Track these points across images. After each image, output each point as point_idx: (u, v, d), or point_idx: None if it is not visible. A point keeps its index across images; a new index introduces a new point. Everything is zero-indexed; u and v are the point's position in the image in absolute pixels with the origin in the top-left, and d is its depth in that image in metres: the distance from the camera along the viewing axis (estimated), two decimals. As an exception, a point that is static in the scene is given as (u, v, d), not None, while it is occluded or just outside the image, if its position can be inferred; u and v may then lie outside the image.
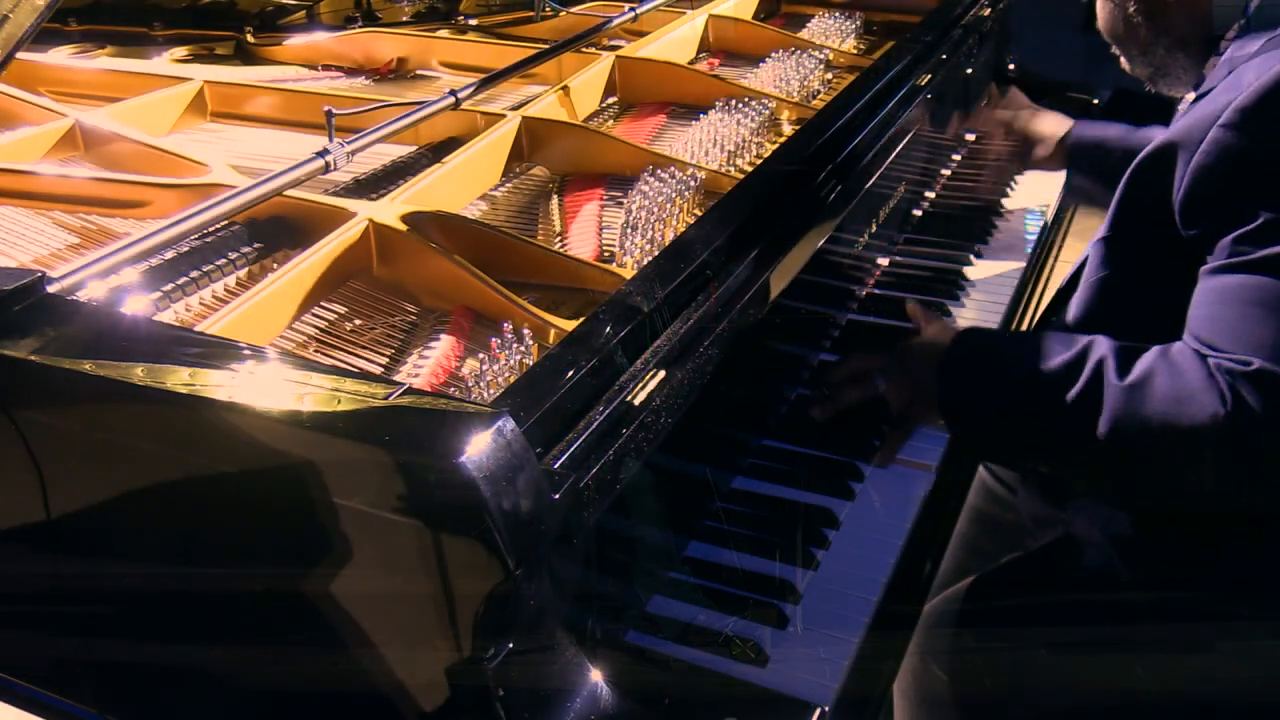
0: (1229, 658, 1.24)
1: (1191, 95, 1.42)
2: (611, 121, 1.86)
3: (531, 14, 2.27)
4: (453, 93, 1.56)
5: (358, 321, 1.25)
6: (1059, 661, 1.30)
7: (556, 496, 0.89)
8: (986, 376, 1.30)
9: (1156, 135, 1.85)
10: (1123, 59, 1.52)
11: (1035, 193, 2.18)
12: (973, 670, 1.35)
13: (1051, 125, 2.00)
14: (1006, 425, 1.28)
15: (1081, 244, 2.17)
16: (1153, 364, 1.18)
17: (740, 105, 1.75)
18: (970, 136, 2.33)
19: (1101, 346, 1.21)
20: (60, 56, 1.91)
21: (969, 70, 2.18)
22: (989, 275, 1.89)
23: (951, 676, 1.36)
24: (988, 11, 2.30)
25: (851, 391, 1.44)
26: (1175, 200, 1.26)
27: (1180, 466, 1.17)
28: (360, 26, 2.13)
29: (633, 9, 2.04)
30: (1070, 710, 1.29)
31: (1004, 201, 2.15)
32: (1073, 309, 1.43)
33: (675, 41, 2.06)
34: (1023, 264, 1.93)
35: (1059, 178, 2.17)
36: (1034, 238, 2.02)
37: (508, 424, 0.85)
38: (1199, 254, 1.24)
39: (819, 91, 1.99)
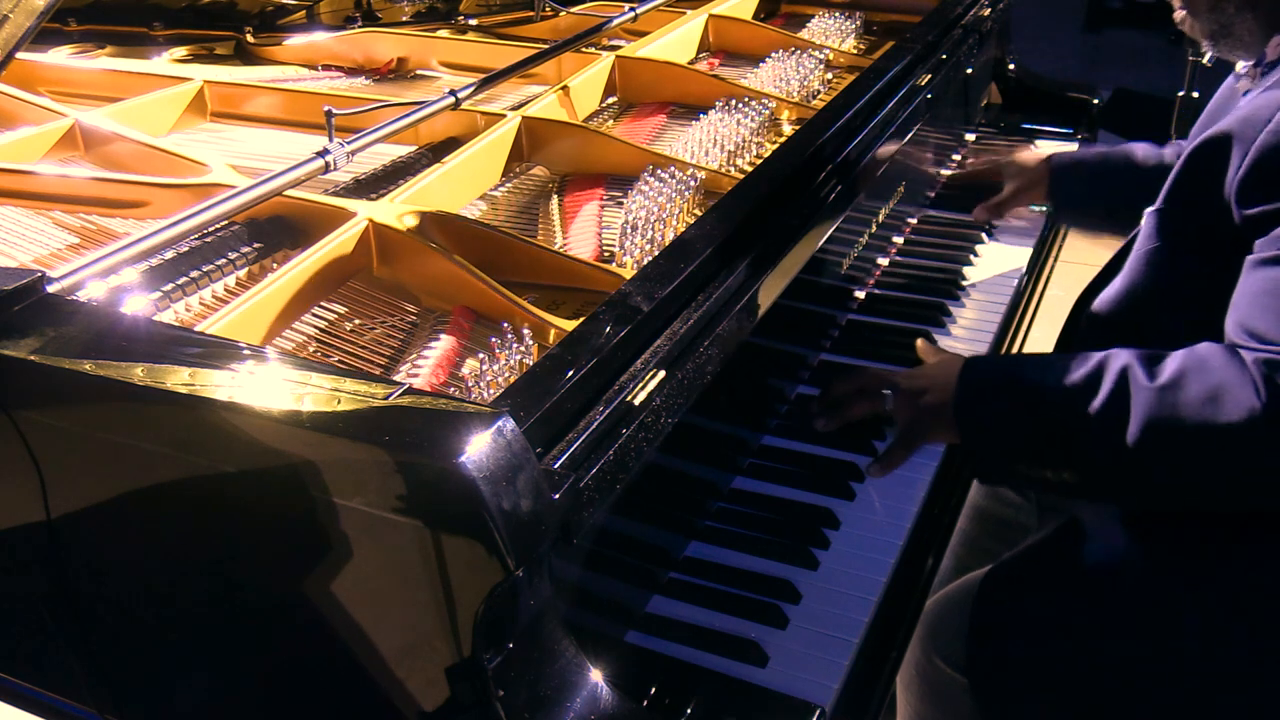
0: (1240, 644, 1.23)
1: (1242, 66, 1.40)
2: (611, 121, 1.86)
3: (531, 14, 2.27)
4: (453, 93, 1.56)
5: (358, 321, 1.25)
6: (1067, 649, 1.29)
7: (556, 496, 0.89)
8: (1006, 394, 1.28)
9: (1137, 150, 1.85)
10: (1185, 15, 1.46)
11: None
12: (978, 662, 1.34)
13: (1029, 158, 2.02)
14: (1029, 443, 1.25)
15: (1082, 243, 2.18)
16: (1183, 364, 1.16)
17: (740, 105, 1.75)
18: (970, 137, 2.33)
19: (1122, 355, 1.20)
20: (60, 56, 1.91)
21: (969, 70, 2.18)
22: (989, 275, 1.89)
23: (956, 669, 1.36)
24: (988, 11, 2.30)
25: (859, 406, 1.42)
26: (1231, 182, 1.25)
27: (1217, 467, 1.15)
28: (360, 26, 2.13)
29: (633, 9, 2.04)
30: (1080, 696, 1.28)
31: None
32: (1120, 279, 1.41)
33: (675, 41, 2.06)
34: (1023, 264, 1.93)
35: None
36: (1034, 237, 2.03)
37: (508, 424, 0.85)
38: (1250, 238, 1.22)
39: (819, 91, 1.99)
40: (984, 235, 2.01)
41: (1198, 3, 1.43)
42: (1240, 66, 1.43)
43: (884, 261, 1.87)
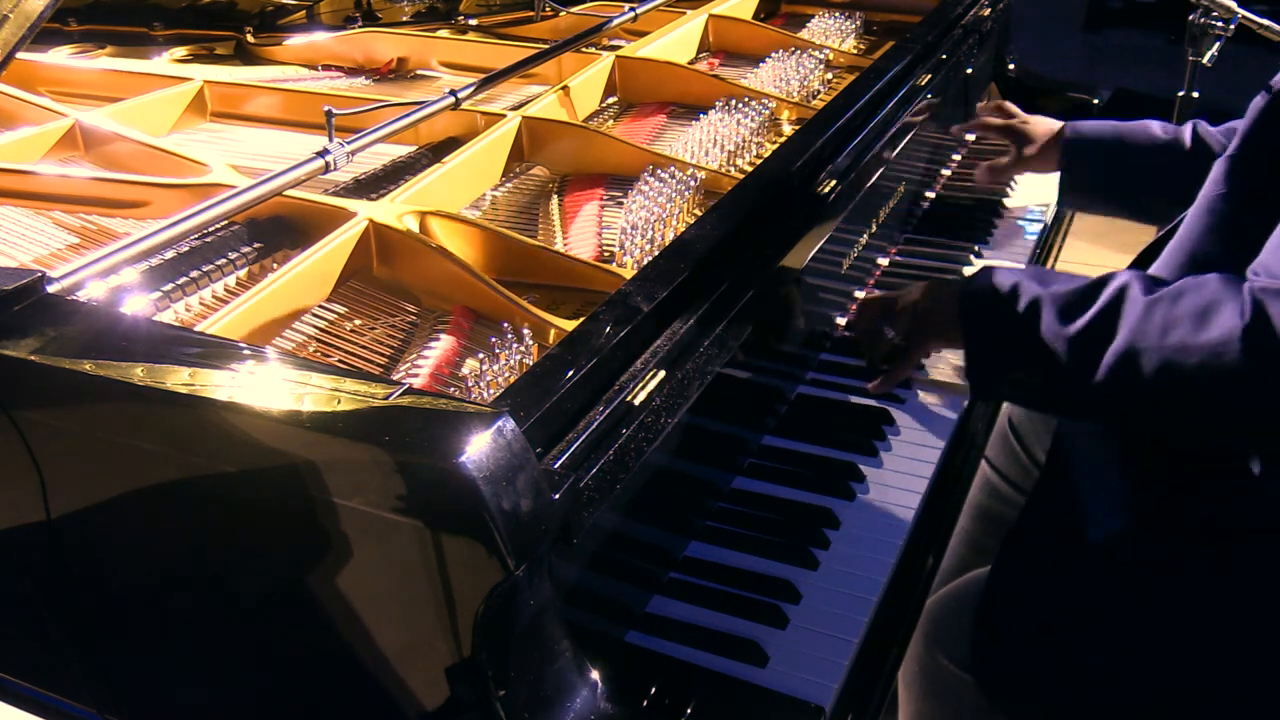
0: (1248, 637, 1.23)
1: None
2: (611, 121, 1.86)
3: (531, 14, 2.27)
4: (453, 93, 1.56)
5: (358, 321, 1.25)
6: (1074, 647, 1.29)
7: (556, 496, 0.89)
8: (1009, 297, 1.28)
9: (1152, 127, 1.84)
10: None
11: (1035, 193, 2.17)
12: (984, 658, 1.33)
13: (1043, 126, 2.01)
14: (1026, 345, 1.25)
15: (1082, 243, 2.17)
16: (1181, 285, 1.16)
17: (740, 105, 1.75)
18: (970, 137, 2.33)
19: (1126, 273, 1.21)
20: (60, 56, 1.91)
21: (969, 70, 2.18)
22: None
23: (961, 666, 1.35)
24: (988, 11, 2.30)
25: (868, 342, 1.52)
26: None
27: (1192, 389, 1.13)
28: (360, 26, 2.13)
29: (633, 9, 2.04)
30: (1086, 694, 1.28)
31: (1004, 201, 2.15)
32: (1180, 231, 1.37)
33: (675, 41, 2.06)
34: (1023, 265, 1.93)
35: (1057, 179, 2.16)
36: (1034, 238, 2.03)
37: (508, 424, 0.85)
38: None
39: (819, 91, 1.99)
40: (985, 235, 2.00)
41: None
42: None
43: (884, 261, 1.87)
